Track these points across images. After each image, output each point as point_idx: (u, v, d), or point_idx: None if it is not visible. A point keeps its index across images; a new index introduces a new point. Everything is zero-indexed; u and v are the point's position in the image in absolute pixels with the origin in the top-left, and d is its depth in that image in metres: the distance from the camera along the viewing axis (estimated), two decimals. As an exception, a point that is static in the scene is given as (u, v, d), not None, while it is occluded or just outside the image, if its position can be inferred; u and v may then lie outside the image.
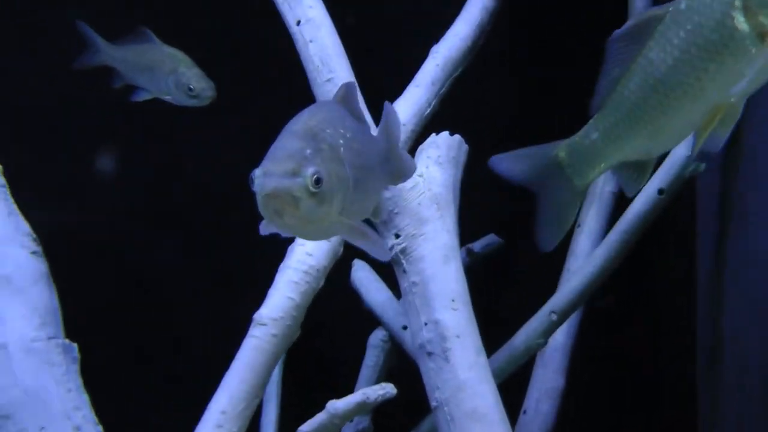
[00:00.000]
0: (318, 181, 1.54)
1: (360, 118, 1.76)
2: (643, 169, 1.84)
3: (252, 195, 1.55)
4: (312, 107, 1.70)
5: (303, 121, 1.62)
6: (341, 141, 1.63)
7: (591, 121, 1.88)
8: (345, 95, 1.76)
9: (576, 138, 1.90)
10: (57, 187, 3.07)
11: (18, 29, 3.01)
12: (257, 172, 1.54)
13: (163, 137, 3.08)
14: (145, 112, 2.84)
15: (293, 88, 2.30)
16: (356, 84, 1.80)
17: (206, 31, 3.06)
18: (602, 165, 1.86)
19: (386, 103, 1.85)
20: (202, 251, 3.10)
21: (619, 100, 1.79)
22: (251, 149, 1.66)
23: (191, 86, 2.72)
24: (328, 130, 1.62)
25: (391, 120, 1.82)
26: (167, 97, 2.78)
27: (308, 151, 1.57)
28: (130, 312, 3.06)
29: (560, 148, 1.93)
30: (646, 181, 1.90)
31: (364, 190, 1.68)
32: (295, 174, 1.53)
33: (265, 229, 1.67)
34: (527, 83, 3.25)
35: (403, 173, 1.90)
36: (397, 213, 2.20)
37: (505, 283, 3.24)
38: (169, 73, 2.74)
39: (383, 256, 1.76)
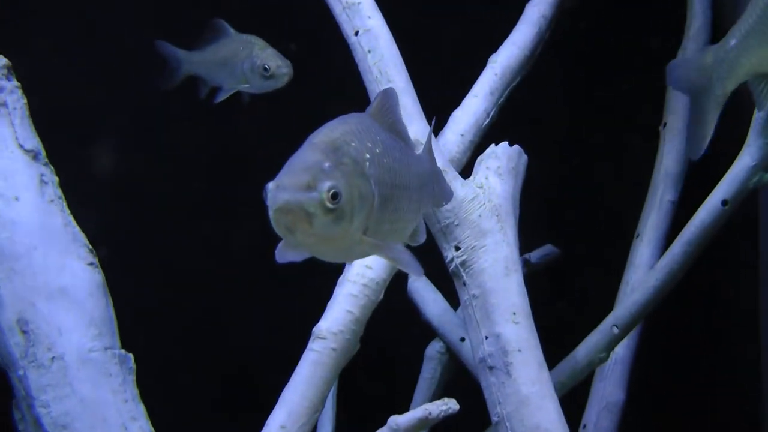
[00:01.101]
0: (335, 197, 1.44)
1: (398, 131, 1.66)
2: None
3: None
4: (340, 118, 1.59)
5: (325, 132, 1.52)
6: (368, 155, 1.53)
7: (732, 28, 1.89)
8: (382, 104, 1.65)
9: (720, 44, 1.91)
10: (110, 194, 3.09)
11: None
12: (270, 185, 1.44)
13: (222, 144, 3.08)
14: (205, 115, 2.84)
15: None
16: (394, 91, 1.66)
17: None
18: (739, 73, 1.87)
19: (430, 129, 1.78)
20: (259, 263, 3.09)
21: (752, 8, 1.80)
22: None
23: (266, 66, 2.68)
24: (353, 144, 1.51)
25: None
26: (246, 87, 2.74)
27: (326, 165, 1.46)
28: (187, 324, 3.06)
29: (708, 53, 1.94)
30: None
31: (397, 210, 1.58)
32: (309, 188, 1.43)
33: (282, 256, 1.57)
34: (584, 92, 3.22)
35: (441, 198, 1.82)
36: (457, 225, 2.18)
37: (562, 295, 3.20)
38: (243, 59, 2.71)
39: (417, 273, 1.63)
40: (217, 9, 2.91)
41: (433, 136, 1.76)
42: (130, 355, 2.39)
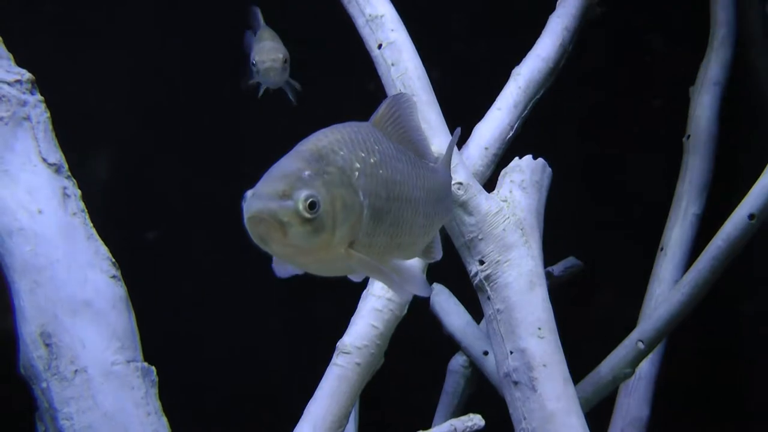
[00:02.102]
0: (312, 206, 1.36)
1: (412, 140, 1.59)
2: None
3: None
4: (335, 126, 1.51)
5: (313, 140, 1.46)
6: (358, 165, 1.44)
7: None
8: (388, 113, 1.56)
9: None
10: (137, 210, 3.10)
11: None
12: (248, 194, 1.39)
13: (248, 160, 3.08)
14: (234, 126, 2.84)
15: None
16: (407, 100, 1.58)
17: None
18: None
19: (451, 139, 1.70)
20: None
21: None
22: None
23: (254, 60, 2.68)
24: (341, 152, 1.44)
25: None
26: (256, 82, 2.74)
27: (306, 173, 1.39)
28: (209, 338, 3.06)
29: None
30: None
31: (397, 224, 1.50)
32: (285, 196, 1.36)
33: (280, 270, 1.52)
34: (607, 104, 3.20)
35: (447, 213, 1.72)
36: (481, 239, 2.16)
37: (584, 308, 3.18)
38: (251, 52, 2.71)
39: (425, 292, 1.55)
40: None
41: (456, 148, 1.71)
42: (153, 368, 2.39)
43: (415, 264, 1.62)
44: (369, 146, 1.48)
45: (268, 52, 2.70)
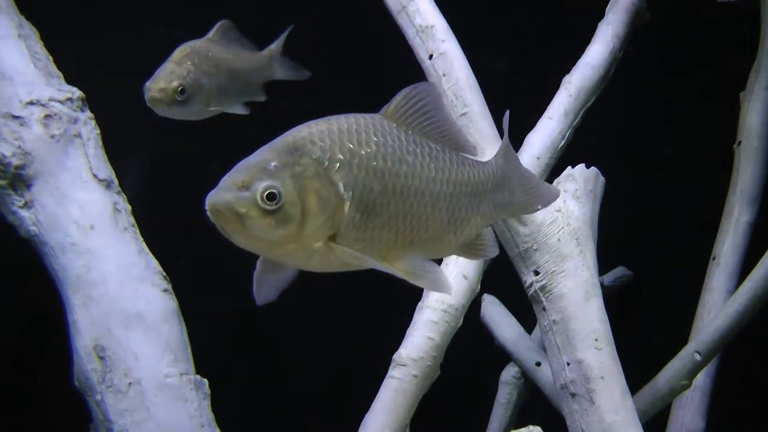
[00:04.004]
0: (272, 197, 1.34)
1: (445, 132, 1.52)
2: None
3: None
4: (330, 117, 1.47)
5: (294, 131, 1.43)
6: (341, 157, 1.40)
7: None
8: (403, 103, 1.50)
9: None
10: (184, 223, 3.10)
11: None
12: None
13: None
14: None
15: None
16: (431, 89, 1.52)
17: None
18: None
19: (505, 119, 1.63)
20: (335, 289, 3.09)
21: None
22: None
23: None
24: (322, 143, 1.41)
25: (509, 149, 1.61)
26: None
27: (272, 164, 1.36)
28: (263, 350, 3.06)
29: None
30: None
31: (402, 218, 1.45)
32: (243, 187, 1.34)
33: (259, 297, 1.50)
34: (658, 111, 3.18)
35: (533, 203, 1.68)
36: (536, 249, 2.15)
37: (635, 318, 3.15)
38: None
39: (446, 290, 1.49)
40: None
41: (509, 144, 1.64)
42: (205, 380, 2.40)
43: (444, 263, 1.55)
44: (365, 138, 1.44)
45: (157, 79, 2.29)
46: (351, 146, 1.42)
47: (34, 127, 2.43)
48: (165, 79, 2.24)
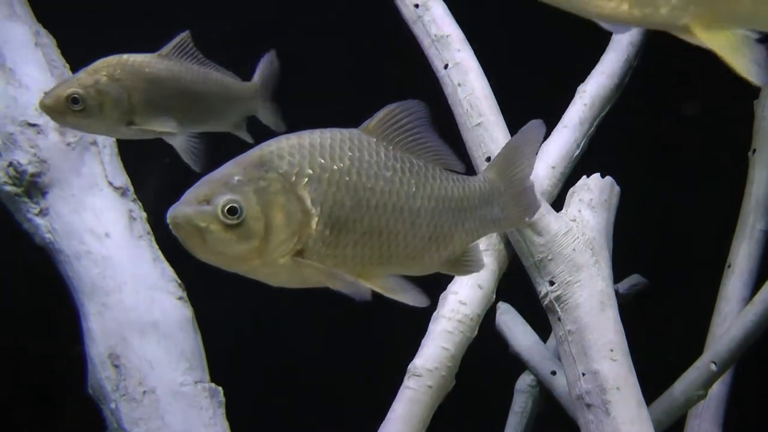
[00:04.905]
0: (233, 212, 1.33)
1: (431, 149, 1.51)
2: None
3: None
4: (303, 131, 1.46)
5: (263, 145, 1.42)
6: (310, 172, 1.39)
7: None
8: (386, 120, 1.48)
9: None
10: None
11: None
12: None
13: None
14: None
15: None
16: (418, 107, 1.50)
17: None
18: None
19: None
20: (349, 297, 3.09)
21: None
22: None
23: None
24: (290, 158, 1.40)
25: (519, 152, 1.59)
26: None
27: (235, 179, 1.36)
28: (276, 361, 3.06)
29: None
30: None
31: (378, 234, 1.43)
32: (204, 201, 1.34)
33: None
34: (672, 119, 3.17)
35: (522, 216, 1.63)
36: (551, 259, 2.14)
37: (650, 326, 3.13)
38: None
39: (423, 303, 1.48)
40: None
41: (508, 159, 1.61)
42: (220, 388, 2.40)
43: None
44: (339, 153, 1.43)
45: (56, 86, 2.14)
46: (322, 161, 1.41)
47: (50, 134, 2.44)
48: (62, 87, 2.10)
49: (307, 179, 1.39)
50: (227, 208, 1.34)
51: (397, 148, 1.49)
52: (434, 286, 2.26)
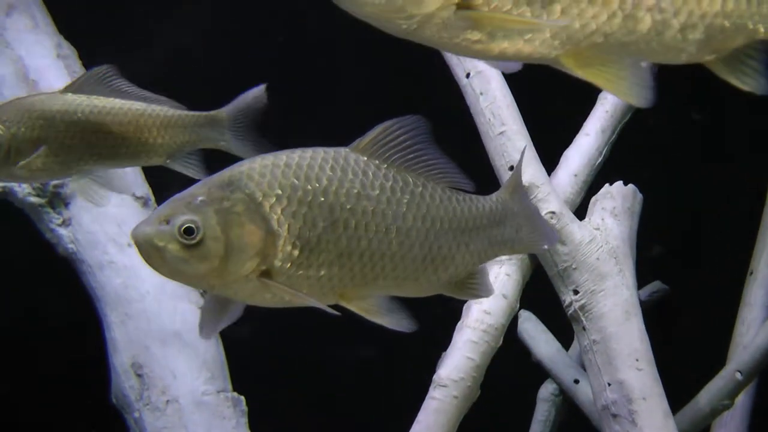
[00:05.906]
0: (189, 232, 1.34)
1: (434, 166, 1.48)
2: None
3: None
4: (283, 151, 1.45)
5: (236, 165, 1.42)
6: (280, 192, 1.38)
7: None
8: (379, 139, 1.45)
9: None
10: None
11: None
12: None
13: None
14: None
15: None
16: (417, 122, 1.46)
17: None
18: None
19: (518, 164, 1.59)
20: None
21: None
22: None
23: None
24: (259, 179, 1.39)
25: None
26: None
27: (199, 199, 1.37)
28: (299, 371, 3.06)
29: None
30: None
31: (358, 255, 1.41)
32: (165, 221, 1.35)
33: (204, 332, 1.50)
34: (694, 125, 3.16)
35: (537, 243, 1.59)
36: (575, 268, 2.14)
37: (671, 333, 3.12)
38: None
39: (403, 327, 1.47)
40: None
41: (519, 178, 1.58)
42: (242, 397, 2.41)
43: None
44: (317, 172, 1.41)
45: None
46: (295, 181, 1.39)
47: (72, 145, 2.45)
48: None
49: (275, 199, 1.39)
50: (184, 228, 1.35)
51: (393, 166, 1.47)
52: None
